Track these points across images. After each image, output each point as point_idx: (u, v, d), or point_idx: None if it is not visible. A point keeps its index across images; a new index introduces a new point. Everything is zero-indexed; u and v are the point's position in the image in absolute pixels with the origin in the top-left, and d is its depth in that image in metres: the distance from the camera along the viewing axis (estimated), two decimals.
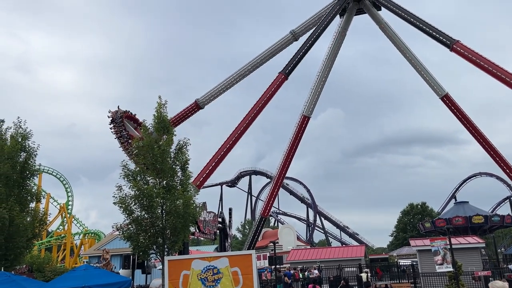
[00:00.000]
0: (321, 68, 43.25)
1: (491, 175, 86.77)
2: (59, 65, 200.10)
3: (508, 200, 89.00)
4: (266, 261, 47.36)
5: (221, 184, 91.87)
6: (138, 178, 16.27)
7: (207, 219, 20.81)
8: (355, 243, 79.48)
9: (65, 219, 63.38)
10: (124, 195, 16.08)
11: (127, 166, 16.41)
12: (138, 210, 16.05)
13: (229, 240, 23.99)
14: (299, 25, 44.36)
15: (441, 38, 37.06)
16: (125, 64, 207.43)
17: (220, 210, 72.92)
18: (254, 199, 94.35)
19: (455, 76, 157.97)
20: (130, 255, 20.39)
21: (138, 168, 16.31)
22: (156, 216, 16.03)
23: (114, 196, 16.01)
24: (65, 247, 60.17)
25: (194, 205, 16.91)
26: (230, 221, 24.99)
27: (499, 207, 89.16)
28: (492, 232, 62.26)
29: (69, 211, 64.03)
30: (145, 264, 21.71)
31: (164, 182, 16.42)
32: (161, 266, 16.91)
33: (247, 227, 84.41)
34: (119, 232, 16.97)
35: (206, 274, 12.55)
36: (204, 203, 21.01)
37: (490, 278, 24.77)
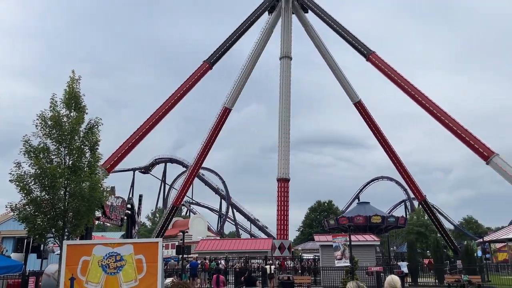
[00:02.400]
0: (246, 62, 43.60)
1: (391, 179, 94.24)
2: None
3: (403, 203, 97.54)
4: (174, 250, 46.84)
5: (134, 169, 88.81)
6: (41, 155, 15.06)
7: (114, 204, 19.95)
8: (264, 236, 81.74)
9: None
10: (23, 173, 14.81)
11: (29, 141, 15.13)
12: (38, 190, 14.89)
13: (136, 227, 23.27)
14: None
15: (359, 47, 39.26)
16: (39, 34, 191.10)
17: (130, 196, 70.66)
18: (167, 187, 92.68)
19: (369, 85, 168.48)
20: (24, 238, 18.88)
21: (41, 145, 15.10)
22: (58, 198, 14.99)
23: (10, 174, 14.70)
24: None
25: (102, 188, 16.11)
26: (139, 208, 24.21)
27: (395, 209, 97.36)
28: (387, 231, 67.68)
29: None
30: (42, 248, 20.30)
31: (70, 162, 15.41)
32: (59, 251, 15.90)
33: (158, 216, 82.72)
34: (14, 212, 15.61)
35: (108, 261, 11.98)
36: (113, 188, 20.13)
37: (381, 274, 26.93)
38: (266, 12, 45.24)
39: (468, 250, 33.60)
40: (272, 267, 26.45)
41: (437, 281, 31.13)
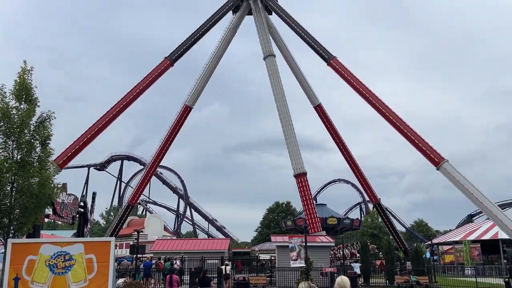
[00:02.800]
0: (208, 61, 43.32)
1: (347, 182, 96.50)
2: None
3: (358, 205, 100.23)
4: (128, 250, 45.78)
5: (88, 166, 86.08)
6: None
7: (65, 202, 19.19)
8: (222, 236, 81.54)
9: None
10: None
11: None
12: None
13: (89, 226, 22.49)
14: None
15: (321, 52, 39.88)
16: None
17: (83, 193, 68.41)
18: (123, 185, 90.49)
19: (330, 89, 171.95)
20: None
21: None
22: (4, 194, 14.24)
23: None
24: None
25: (52, 185, 15.45)
26: (92, 206, 23.42)
27: (351, 211, 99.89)
28: (343, 233, 69.25)
29: None
30: None
31: (19, 156, 14.68)
32: (4, 250, 15.10)
33: (112, 214, 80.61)
34: None
35: (56, 260, 11.52)
36: (64, 184, 19.37)
37: (335, 275, 27.49)
38: (231, 12, 45.17)
39: (417, 252, 34.89)
40: (228, 267, 26.41)
41: (387, 281, 32.13)
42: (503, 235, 35.88)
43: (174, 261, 31.46)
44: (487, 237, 42.92)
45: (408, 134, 32.80)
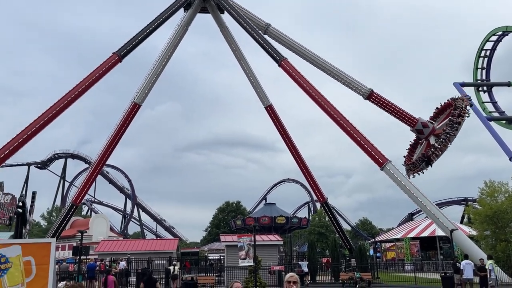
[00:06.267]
0: (158, 58, 42.49)
1: (296, 181, 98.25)
2: None
3: (307, 205, 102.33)
4: (71, 252, 44.00)
5: (29, 164, 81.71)
6: None
7: (2, 202, 18.11)
8: (170, 237, 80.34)
9: None
10: None
11: None
12: None
13: (27, 227, 21.27)
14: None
15: (272, 53, 40.25)
16: None
17: (22, 193, 64.90)
18: (67, 184, 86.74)
19: (283, 90, 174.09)
20: None
21: None
22: None
23: None
24: None
25: None
26: (32, 206, 22.17)
27: (299, 210, 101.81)
28: (291, 231, 70.48)
29: None
30: None
31: None
32: None
33: (55, 215, 77.02)
34: None
35: None
36: (1, 183, 18.29)
37: (283, 273, 27.93)
38: (182, 9, 44.52)
39: (361, 249, 36.22)
40: (176, 267, 26.07)
41: (333, 278, 33.07)
42: (439, 232, 38.02)
43: (119, 262, 30.70)
44: (425, 234, 45.30)
45: (354, 135, 33.85)
